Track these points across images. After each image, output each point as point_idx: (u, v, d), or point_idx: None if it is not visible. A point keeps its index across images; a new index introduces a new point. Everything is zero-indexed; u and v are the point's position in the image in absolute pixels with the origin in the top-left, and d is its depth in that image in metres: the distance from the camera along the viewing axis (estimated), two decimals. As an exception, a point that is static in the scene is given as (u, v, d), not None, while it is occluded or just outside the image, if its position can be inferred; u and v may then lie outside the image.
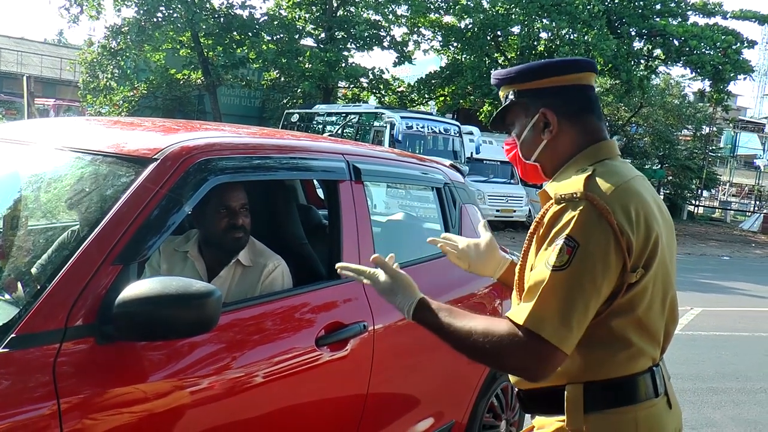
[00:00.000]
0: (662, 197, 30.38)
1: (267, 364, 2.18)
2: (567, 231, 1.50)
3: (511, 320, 1.53)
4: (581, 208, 1.51)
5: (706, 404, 5.47)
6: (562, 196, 1.55)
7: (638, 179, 1.65)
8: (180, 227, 2.46)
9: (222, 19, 21.44)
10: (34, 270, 2.15)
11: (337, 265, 1.91)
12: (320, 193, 4.17)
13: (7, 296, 2.06)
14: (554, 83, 1.72)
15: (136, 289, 1.78)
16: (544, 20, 21.26)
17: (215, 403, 2.01)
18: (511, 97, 1.78)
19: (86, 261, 1.83)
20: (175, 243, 2.72)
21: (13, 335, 1.67)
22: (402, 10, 23.10)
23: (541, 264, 1.53)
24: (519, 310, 1.52)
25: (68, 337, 1.74)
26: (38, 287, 1.85)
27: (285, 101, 25.59)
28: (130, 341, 1.84)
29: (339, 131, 16.80)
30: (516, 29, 22.31)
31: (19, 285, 2.10)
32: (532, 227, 1.65)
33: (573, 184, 1.57)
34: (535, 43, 22.57)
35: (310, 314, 2.43)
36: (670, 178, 29.53)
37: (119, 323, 1.77)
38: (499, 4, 21.02)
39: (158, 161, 2.08)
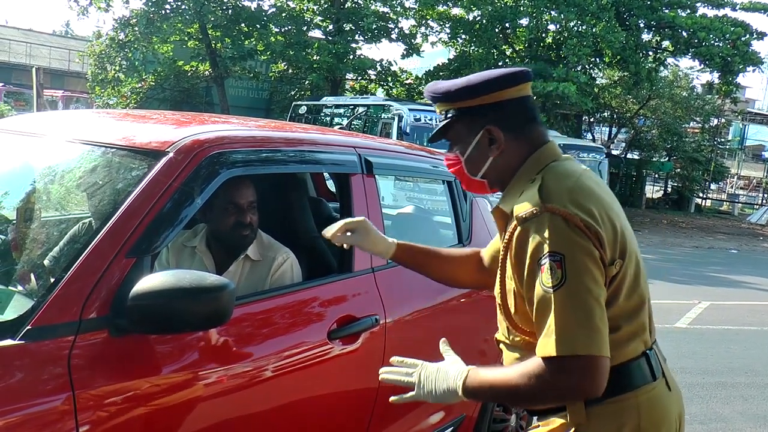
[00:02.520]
0: (670, 190, 30.34)
1: (280, 357, 2.18)
2: (546, 248, 1.51)
3: (544, 358, 1.51)
4: (546, 221, 1.53)
5: (714, 399, 5.46)
6: (524, 216, 1.57)
7: (585, 174, 1.67)
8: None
9: (230, 11, 21.41)
10: (46, 262, 2.16)
11: (382, 376, 1.83)
12: (330, 185, 4.17)
13: (20, 287, 2.07)
14: (495, 99, 1.71)
15: (149, 282, 1.79)
16: (553, 12, 21.15)
17: (228, 396, 2.02)
18: (451, 114, 1.77)
19: (100, 254, 1.84)
20: (183, 238, 2.72)
21: (28, 327, 1.68)
22: (410, 2, 23.01)
23: (538, 290, 1.52)
24: (545, 345, 1.50)
25: (82, 330, 1.74)
26: (52, 279, 1.86)
27: (293, 93, 25.55)
28: (143, 334, 1.85)
29: (349, 124, 16.75)
30: (524, 21, 22.18)
31: (32, 277, 2.11)
32: (501, 252, 1.66)
33: (529, 201, 1.58)
34: (544, 35, 22.47)
35: (322, 308, 2.44)
36: (678, 170, 29.34)
37: (133, 316, 1.78)
38: (508, -5, 20.96)
39: (171, 154, 2.08)
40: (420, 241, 3.39)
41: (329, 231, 2.15)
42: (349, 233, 2.15)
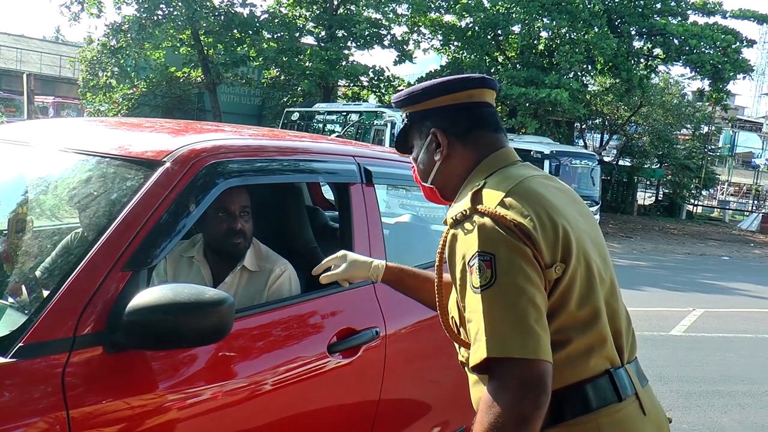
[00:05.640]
0: (661, 196, 30.43)
1: (279, 371, 2.13)
2: (475, 249, 1.44)
3: (475, 367, 1.41)
4: (474, 222, 1.47)
5: (712, 408, 5.43)
6: (454, 218, 1.53)
7: (535, 178, 1.61)
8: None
9: (222, 17, 21.38)
10: (38, 273, 2.11)
11: None
12: (325, 193, 4.13)
13: (11, 300, 2.02)
14: (442, 103, 1.70)
15: (146, 296, 1.73)
16: (545, 19, 21.20)
17: (227, 412, 1.97)
18: (406, 118, 1.78)
19: (95, 267, 1.78)
20: (181, 248, 2.67)
21: (20, 344, 1.62)
22: (402, 8, 23.06)
23: (468, 293, 1.45)
24: (475, 351, 1.40)
25: (77, 346, 1.69)
26: (45, 293, 1.80)
27: (285, 100, 25.56)
28: (140, 350, 1.80)
29: (346, 131, 16.70)
30: (516, 28, 22.24)
31: (24, 288, 2.06)
32: (437, 259, 1.62)
33: (462, 203, 1.54)
34: (536, 42, 22.52)
35: (322, 320, 2.39)
36: (669, 177, 29.47)
37: (129, 332, 1.72)
38: (500, 3, 20.98)
39: (167, 164, 2.03)
40: (419, 250, 3.37)
41: (322, 279, 2.16)
42: (337, 269, 2.13)
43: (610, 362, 1.54)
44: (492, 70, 22.47)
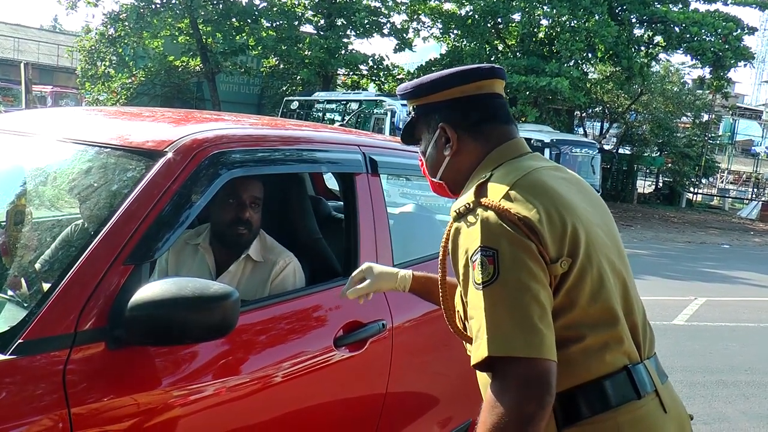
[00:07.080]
0: (661, 185, 30.37)
1: (285, 366, 2.09)
2: (478, 243, 1.40)
3: (476, 365, 1.38)
4: (478, 215, 1.43)
5: (716, 398, 5.40)
6: (457, 211, 1.48)
7: (543, 170, 1.56)
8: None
9: (221, 6, 21.26)
10: (38, 266, 2.06)
11: None
12: (328, 182, 4.08)
13: (10, 293, 1.97)
14: (451, 95, 1.64)
15: (149, 291, 1.69)
16: (545, 7, 21.09)
17: (232, 408, 1.93)
18: (412, 111, 1.73)
19: (96, 261, 1.73)
20: (186, 236, 2.63)
21: (20, 341, 1.58)
22: (402, -4, 22.95)
23: (471, 290, 1.42)
24: (477, 349, 1.36)
25: (78, 342, 1.64)
26: (45, 286, 1.76)
27: (284, 88, 25.48)
28: (142, 346, 1.75)
29: (349, 120, 16.60)
30: (517, 16, 22.11)
31: (23, 282, 2.01)
32: (440, 253, 1.57)
33: (466, 196, 1.50)
34: (536, 30, 22.42)
35: (328, 314, 2.35)
36: (669, 165, 29.39)
37: (131, 327, 1.68)
38: (500, -10, 20.87)
39: (169, 155, 1.97)
40: (424, 240, 3.32)
41: (349, 294, 2.10)
42: (363, 282, 2.08)
43: (628, 358, 1.49)
44: (492, 59, 22.37)
